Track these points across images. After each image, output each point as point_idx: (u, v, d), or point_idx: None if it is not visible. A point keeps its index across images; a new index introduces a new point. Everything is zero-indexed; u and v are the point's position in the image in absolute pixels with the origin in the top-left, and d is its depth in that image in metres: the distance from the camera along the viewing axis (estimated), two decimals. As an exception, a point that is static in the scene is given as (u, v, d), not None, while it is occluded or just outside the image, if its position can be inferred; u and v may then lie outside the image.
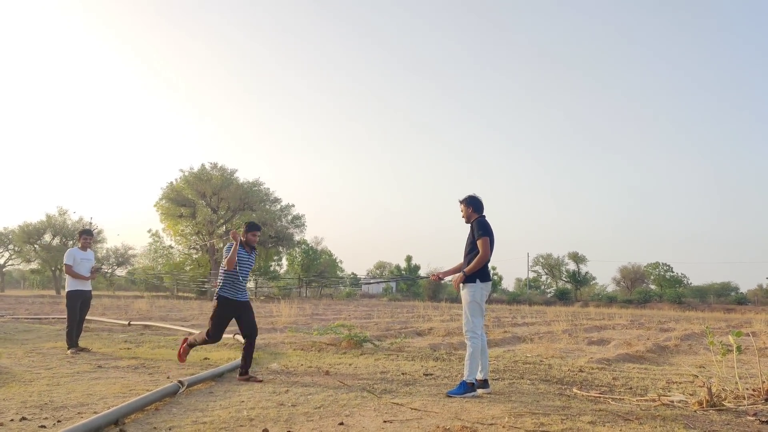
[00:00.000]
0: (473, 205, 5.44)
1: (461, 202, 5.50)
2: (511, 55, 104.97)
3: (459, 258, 5.51)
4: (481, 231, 5.25)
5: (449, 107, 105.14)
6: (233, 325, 6.11)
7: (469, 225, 5.47)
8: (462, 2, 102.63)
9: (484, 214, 5.46)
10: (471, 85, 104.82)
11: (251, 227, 6.05)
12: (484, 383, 5.19)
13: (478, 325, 5.17)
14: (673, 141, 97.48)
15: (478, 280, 5.22)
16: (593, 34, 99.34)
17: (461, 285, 5.29)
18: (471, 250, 5.33)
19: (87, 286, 8.05)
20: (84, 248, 8.08)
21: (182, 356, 6.42)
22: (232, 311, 5.87)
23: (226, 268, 5.80)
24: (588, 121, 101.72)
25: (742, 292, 56.01)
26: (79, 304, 7.91)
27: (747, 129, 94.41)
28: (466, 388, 4.99)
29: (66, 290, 7.98)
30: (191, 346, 6.37)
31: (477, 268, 5.18)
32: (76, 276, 7.86)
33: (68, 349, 7.62)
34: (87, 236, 8.24)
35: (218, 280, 5.89)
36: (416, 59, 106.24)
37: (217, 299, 5.88)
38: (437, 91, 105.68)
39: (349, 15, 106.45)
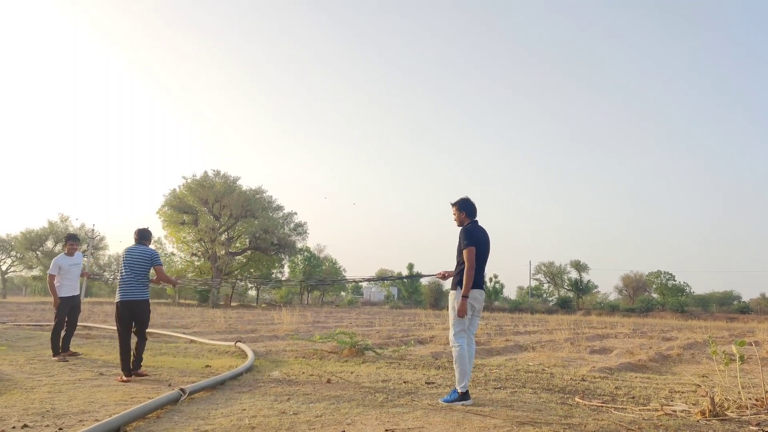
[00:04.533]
0: (466, 210, 5.32)
1: (453, 205, 5.41)
2: (511, 61, 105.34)
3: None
4: (466, 240, 5.09)
5: (451, 114, 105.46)
6: (235, 332, 6.10)
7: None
8: (461, 8, 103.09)
9: (476, 219, 5.35)
10: (472, 91, 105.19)
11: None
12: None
13: (459, 333, 5.11)
14: (676, 149, 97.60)
15: (459, 288, 5.11)
16: (592, 39, 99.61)
17: (450, 293, 5.28)
18: (458, 257, 5.20)
19: (75, 291, 8.02)
20: (71, 253, 8.00)
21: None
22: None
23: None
24: (589, 129, 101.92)
25: (744, 301, 55.79)
26: (67, 311, 7.87)
27: (748, 137, 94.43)
28: (456, 395, 4.98)
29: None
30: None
31: (470, 283, 5.03)
32: (53, 290, 7.78)
33: (53, 356, 7.57)
34: (73, 242, 8.11)
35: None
36: (416, 65, 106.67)
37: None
38: (439, 97, 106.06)
39: (349, 22, 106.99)
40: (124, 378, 5.93)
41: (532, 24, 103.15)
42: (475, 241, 5.13)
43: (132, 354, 6.18)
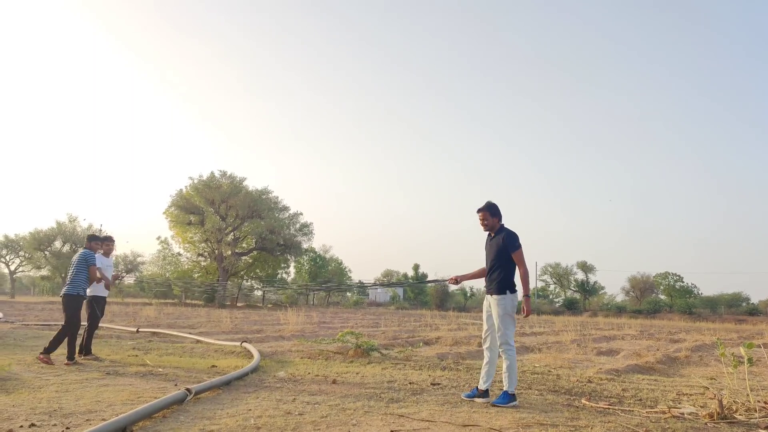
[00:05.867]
0: (499, 215, 5.39)
1: (484, 210, 5.36)
2: (515, 63, 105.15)
3: (466, 265, 5.50)
4: (517, 243, 5.22)
5: (455, 115, 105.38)
6: (241, 332, 6.11)
7: (488, 233, 5.44)
8: (466, 9, 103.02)
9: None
10: (477, 93, 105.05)
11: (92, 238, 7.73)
12: (485, 393, 5.17)
13: (511, 336, 5.17)
14: (683, 150, 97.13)
15: (508, 292, 5.19)
16: (597, 40, 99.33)
17: (492, 297, 5.26)
18: (500, 261, 5.24)
19: (104, 292, 8.18)
20: (107, 254, 8.25)
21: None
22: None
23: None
24: (595, 130, 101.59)
25: (753, 303, 55.31)
26: (99, 310, 8.05)
27: (756, 138, 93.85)
28: (510, 398, 5.01)
29: (89, 294, 7.88)
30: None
31: (528, 282, 5.23)
32: (107, 281, 8.00)
33: (84, 355, 7.68)
34: (109, 243, 8.40)
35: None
36: (422, 67, 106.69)
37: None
38: (444, 98, 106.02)
39: (356, 24, 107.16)
40: (66, 363, 7.01)
41: (536, 26, 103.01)
42: (521, 243, 5.27)
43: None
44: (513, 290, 5.21)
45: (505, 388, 5.07)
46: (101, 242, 8.16)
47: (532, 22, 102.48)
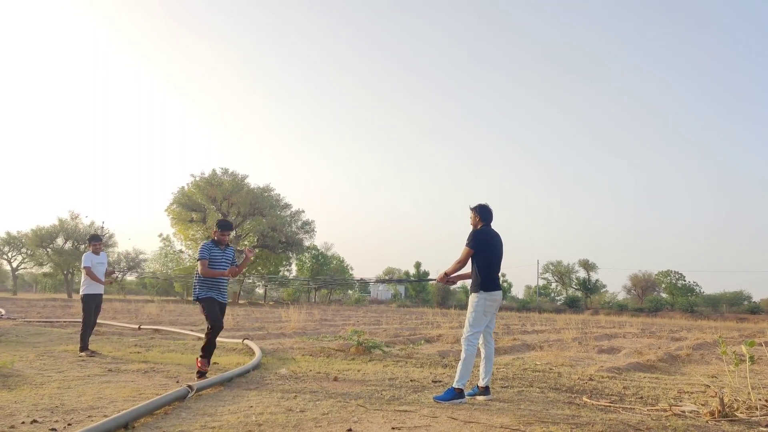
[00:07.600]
0: (481, 214, 5.50)
1: (472, 209, 5.57)
2: (519, 61, 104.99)
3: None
4: (467, 242, 5.34)
5: (459, 113, 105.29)
6: (243, 329, 6.11)
7: None
8: (471, 7, 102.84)
9: (490, 224, 5.51)
10: (480, 91, 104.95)
11: (223, 226, 6.53)
12: (485, 390, 5.18)
13: (475, 335, 5.18)
14: (685, 148, 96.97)
15: (481, 291, 5.22)
16: (601, 38, 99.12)
17: (470, 294, 5.35)
18: (473, 260, 5.40)
19: (100, 289, 8.20)
20: (96, 253, 8.27)
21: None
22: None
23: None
24: (598, 128, 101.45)
25: (755, 302, 55.18)
26: (93, 308, 8.04)
27: (758, 136, 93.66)
28: (454, 394, 4.98)
29: (81, 293, 8.12)
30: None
31: (455, 268, 5.38)
32: (95, 278, 8.05)
33: (81, 351, 7.70)
34: (95, 242, 8.42)
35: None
36: (425, 65, 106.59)
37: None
38: (447, 96, 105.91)
39: (360, 22, 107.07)
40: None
41: (539, 23, 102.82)
42: (476, 245, 5.33)
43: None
44: (488, 289, 5.22)
45: (453, 383, 5.09)
46: (89, 243, 8.47)
47: (538, 20, 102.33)
